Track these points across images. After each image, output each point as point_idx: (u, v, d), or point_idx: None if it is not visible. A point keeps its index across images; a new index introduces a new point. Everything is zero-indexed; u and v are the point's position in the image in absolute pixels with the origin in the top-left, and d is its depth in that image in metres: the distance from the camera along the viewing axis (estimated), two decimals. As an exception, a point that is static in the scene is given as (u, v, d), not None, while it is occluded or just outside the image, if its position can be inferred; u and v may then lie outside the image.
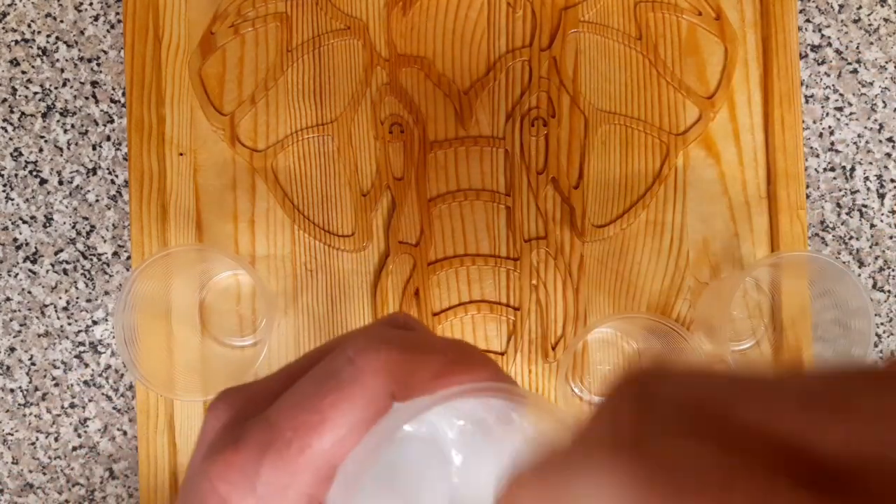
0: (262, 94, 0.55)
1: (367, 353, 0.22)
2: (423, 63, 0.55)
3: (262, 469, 0.21)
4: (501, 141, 0.55)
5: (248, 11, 0.55)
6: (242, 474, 0.22)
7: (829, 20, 0.57)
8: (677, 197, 0.55)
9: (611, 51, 0.55)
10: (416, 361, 0.22)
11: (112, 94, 0.56)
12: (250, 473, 0.22)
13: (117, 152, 0.55)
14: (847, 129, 0.56)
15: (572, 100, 0.55)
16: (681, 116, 0.55)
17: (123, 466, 0.54)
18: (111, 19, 0.56)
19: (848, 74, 0.56)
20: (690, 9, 0.55)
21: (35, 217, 0.55)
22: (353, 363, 0.22)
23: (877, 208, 0.56)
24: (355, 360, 0.22)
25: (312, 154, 0.55)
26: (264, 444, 0.22)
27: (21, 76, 0.55)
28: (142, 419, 0.52)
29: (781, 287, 0.54)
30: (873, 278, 0.56)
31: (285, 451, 0.21)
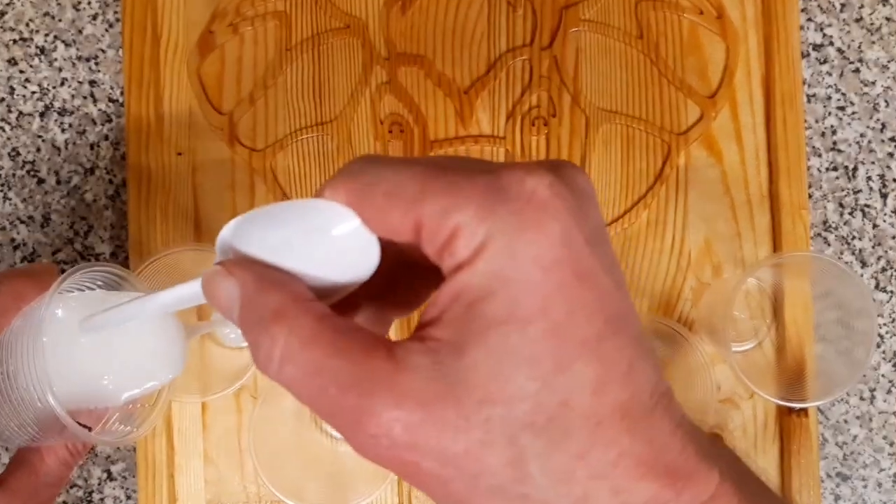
0: (261, 93, 0.55)
1: None
2: (423, 62, 0.55)
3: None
4: (502, 140, 0.54)
5: (246, 10, 0.55)
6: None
7: (830, 19, 0.56)
8: (679, 196, 0.54)
9: (612, 50, 0.55)
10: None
11: (110, 94, 0.55)
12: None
13: (115, 152, 0.55)
14: (849, 129, 0.56)
15: (573, 99, 0.55)
16: (682, 116, 0.55)
17: (121, 468, 0.54)
18: (109, 18, 0.56)
19: (850, 74, 0.56)
20: (692, 7, 0.55)
21: (33, 217, 0.55)
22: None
23: (879, 208, 0.56)
24: None
25: (311, 153, 0.55)
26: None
27: (19, 75, 0.55)
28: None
29: (784, 287, 0.54)
30: (876, 278, 0.55)
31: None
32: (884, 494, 0.55)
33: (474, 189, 0.21)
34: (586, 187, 0.22)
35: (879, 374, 0.55)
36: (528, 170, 0.21)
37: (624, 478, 0.21)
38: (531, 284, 0.20)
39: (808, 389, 0.52)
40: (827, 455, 0.55)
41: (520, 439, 0.20)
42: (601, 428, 0.20)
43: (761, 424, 0.54)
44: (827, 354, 0.53)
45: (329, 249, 0.23)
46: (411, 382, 0.21)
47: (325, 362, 0.21)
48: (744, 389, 0.54)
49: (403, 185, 0.21)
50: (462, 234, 0.21)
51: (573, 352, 0.20)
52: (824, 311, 0.53)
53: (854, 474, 0.55)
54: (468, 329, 0.21)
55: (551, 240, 0.20)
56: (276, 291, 0.22)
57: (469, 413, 0.20)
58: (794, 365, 0.53)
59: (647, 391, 0.21)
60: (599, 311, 0.21)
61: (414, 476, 0.21)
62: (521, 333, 0.20)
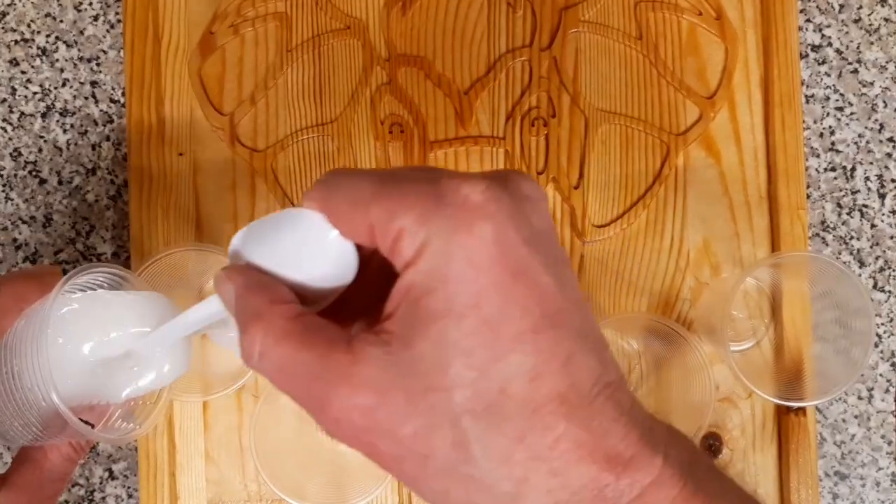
0: (262, 93, 0.55)
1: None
2: (423, 63, 0.55)
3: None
4: (501, 141, 0.55)
5: (247, 11, 0.55)
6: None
7: (829, 20, 0.56)
8: (678, 197, 0.55)
9: (611, 50, 0.55)
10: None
11: (112, 94, 0.55)
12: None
13: (117, 152, 0.55)
14: (847, 129, 0.56)
15: (572, 100, 0.55)
16: (681, 116, 0.55)
17: (123, 467, 0.54)
18: (111, 19, 0.56)
19: (848, 74, 0.56)
20: (691, 8, 0.55)
21: (35, 217, 0.55)
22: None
23: (877, 208, 0.56)
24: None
25: (312, 154, 0.55)
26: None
27: (21, 76, 0.55)
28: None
29: (782, 287, 0.54)
30: (874, 278, 0.56)
31: None
32: (882, 493, 0.55)
33: (416, 195, 0.23)
34: (531, 193, 0.24)
35: (877, 374, 0.55)
36: (466, 178, 0.23)
37: (561, 461, 0.22)
38: (466, 282, 0.22)
39: (806, 389, 0.52)
40: (825, 454, 0.55)
41: (461, 423, 0.22)
42: (538, 414, 0.22)
43: (760, 424, 0.54)
44: (825, 354, 0.53)
45: (312, 255, 0.25)
46: (366, 372, 0.23)
47: (294, 356, 0.24)
48: (742, 389, 0.54)
49: (359, 192, 0.24)
50: (405, 236, 0.23)
51: (507, 343, 0.22)
52: (822, 311, 0.53)
53: (852, 473, 0.55)
54: (414, 323, 0.23)
55: (483, 240, 0.22)
56: (258, 294, 0.25)
57: (416, 399, 0.22)
58: (793, 364, 0.53)
59: (588, 381, 0.23)
60: (535, 306, 0.22)
61: (374, 456, 0.24)
62: (458, 327, 0.22)
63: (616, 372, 0.24)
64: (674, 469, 0.23)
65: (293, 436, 0.53)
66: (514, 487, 0.22)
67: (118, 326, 0.34)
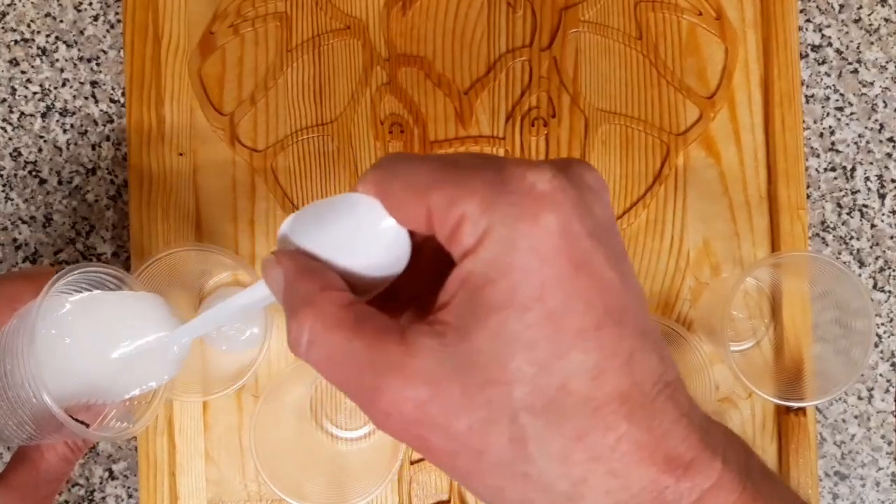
0: (262, 94, 0.55)
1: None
2: (423, 63, 0.55)
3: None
4: (502, 141, 0.55)
5: (247, 11, 0.55)
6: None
7: (829, 20, 0.56)
8: (678, 197, 0.55)
9: (611, 51, 0.55)
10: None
11: (112, 94, 0.55)
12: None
13: (117, 152, 0.55)
14: (847, 129, 0.56)
15: (572, 100, 0.55)
16: (681, 116, 0.55)
17: (123, 467, 0.54)
18: (111, 19, 0.56)
19: (848, 74, 0.56)
20: (691, 8, 0.55)
21: (34, 217, 0.55)
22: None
23: (877, 208, 0.56)
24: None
25: (312, 154, 0.55)
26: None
27: (21, 76, 0.55)
28: (141, 419, 0.52)
29: (782, 287, 0.54)
30: (874, 278, 0.56)
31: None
32: (882, 493, 0.55)
33: (479, 182, 0.22)
34: (594, 184, 0.23)
35: (877, 374, 0.55)
36: (532, 165, 0.22)
37: (622, 462, 0.22)
38: (529, 272, 0.21)
39: (806, 389, 0.52)
40: (825, 454, 0.55)
41: (520, 419, 0.22)
42: (599, 413, 0.21)
43: (759, 424, 0.54)
44: (825, 354, 0.53)
45: (365, 241, 0.25)
46: (419, 364, 0.22)
47: (344, 345, 0.23)
48: (742, 389, 0.54)
49: (417, 178, 0.23)
50: (466, 223, 0.22)
51: (570, 339, 0.21)
52: (822, 311, 0.53)
53: (852, 473, 0.55)
54: (472, 314, 0.22)
55: (548, 230, 0.21)
56: (309, 280, 0.24)
57: (472, 393, 0.22)
58: (793, 364, 0.53)
59: (649, 381, 0.22)
60: (599, 301, 0.22)
61: (425, 451, 0.23)
62: (519, 319, 0.21)
63: (675, 371, 0.23)
64: (733, 473, 0.23)
65: (293, 436, 0.53)
66: (572, 487, 0.22)
67: (120, 326, 0.34)
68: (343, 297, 0.24)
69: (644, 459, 0.22)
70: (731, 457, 0.23)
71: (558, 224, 0.22)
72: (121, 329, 0.34)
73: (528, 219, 0.22)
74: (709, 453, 0.22)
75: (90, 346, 0.34)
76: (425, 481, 0.53)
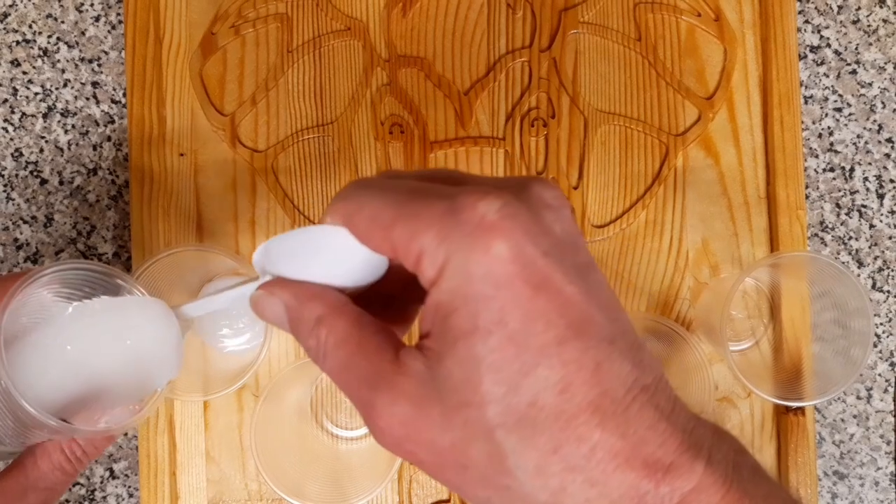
0: (263, 94, 0.55)
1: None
2: (423, 64, 0.55)
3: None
4: (501, 141, 0.55)
5: (248, 12, 0.55)
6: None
7: (828, 21, 0.57)
8: (677, 197, 0.55)
9: (610, 52, 0.55)
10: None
11: (113, 95, 0.56)
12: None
13: (118, 153, 0.55)
14: (846, 130, 0.56)
15: (572, 100, 0.55)
16: (680, 117, 0.55)
17: (124, 466, 0.54)
18: (112, 20, 0.56)
19: (847, 75, 0.56)
20: (690, 10, 0.55)
21: (36, 217, 0.55)
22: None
23: (876, 208, 0.56)
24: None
25: (313, 154, 0.55)
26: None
27: (22, 77, 0.56)
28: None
29: (781, 287, 0.54)
30: (872, 278, 0.56)
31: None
32: (880, 493, 0.55)
33: (434, 215, 0.23)
34: (553, 201, 0.24)
35: (876, 374, 0.56)
36: (483, 195, 0.23)
37: (598, 470, 0.22)
38: (487, 299, 0.23)
39: (805, 388, 0.52)
40: (824, 454, 0.55)
41: (495, 436, 0.23)
42: (571, 424, 0.22)
43: (758, 423, 0.54)
44: (824, 354, 0.53)
45: (343, 266, 0.27)
46: (407, 384, 0.24)
47: (350, 359, 0.25)
48: (741, 388, 0.54)
49: (380, 212, 0.24)
50: (426, 255, 0.23)
51: (534, 357, 0.22)
52: (821, 311, 0.53)
53: (851, 473, 0.55)
54: (444, 340, 0.23)
55: (500, 258, 0.22)
56: (314, 302, 0.26)
57: (450, 414, 0.23)
58: (792, 364, 0.53)
59: (621, 388, 0.23)
60: (559, 317, 0.23)
61: (418, 464, 0.25)
62: (484, 344, 0.23)
63: (653, 373, 0.24)
64: (717, 475, 0.23)
65: (294, 435, 0.53)
66: (552, 497, 0.23)
67: (121, 333, 0.34)
68: (351, 313, 0.26)
69: (620, 466, 0.22)
70: (717, 457, 0.23)
71: (509, 251, 0.22)
72: (122, 336, 0.34)
73: (479, 249, 0.23)
74: (689, 455, 0.23)
75: (90, 352, 0.34)
76: (425, 481, 0.53)
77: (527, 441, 0.22)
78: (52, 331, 0.33)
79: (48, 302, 0.34)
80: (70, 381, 0.33)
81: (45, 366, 0.33)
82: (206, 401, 0.53)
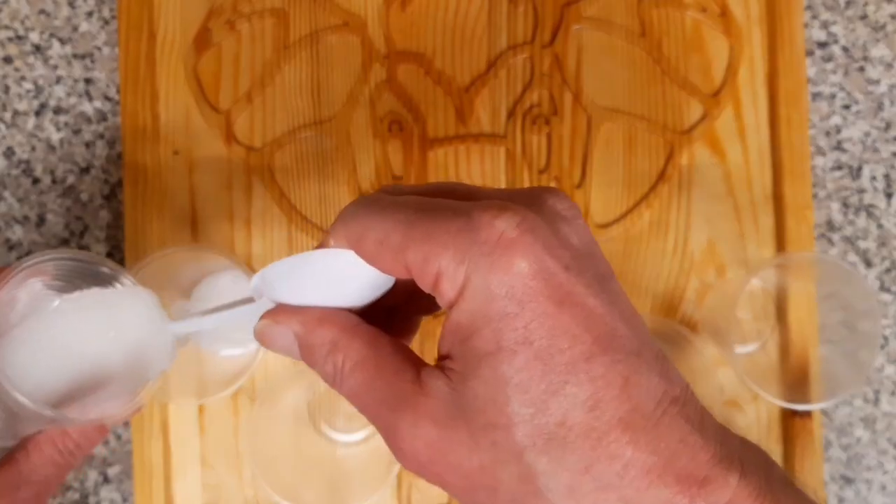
0: (259, 91, 0.54)
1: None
2: (423, 60, 0.54)
3: None
4: (503, 139, 0.54)
5: (243, 7, 0.54)
6: None
7: (835, 17, 0.56)
8: (682, 197, 0.54)
9: (614, 47, 0.54)
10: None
11: (106, 92, 0.55)
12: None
13: (111, 151, 0.54)
14: (854, 128, 0.55)
15: (574, 97, 0.54)
16: (685, 114, 0.54)
17: (117, 471, 0.53)
18: (105, 15, 0.55)
19: (855, 72, 0.56)
20: (695, 5, 0.54)
21: (28, 217, 0.54)
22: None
23: (884, 208, 0.55)
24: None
25: (310, 152, 0.54)
26: None
27: (14, 73, 0.55)
28: (136, 423, 0.52)
29: (788, 289, 0.53)
30: (881, 279, 0.55)
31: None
32: (888, 497, 0.54)
33: (450, 234, 0.23)
34: (566, 212, 0.24)
35: (884, 376, 0.55)
36: (499, 211, 0.23)
37: (632, 488, 0.22)
38: (510, 317, 0.22)
39: (812, 392, 0.51)
40: (831, 458, 0.54)
41: (525, 458, 0.22)
42: (602, 443, 0.22)
43: (765, 427, 0.53)
44: (831, 356, 0.52)
45: (346, 285, 0.26)
46: (431, 405, 0.23)
47: (368, 382, 0.24)
48: (747, 392, 0.53)
49: (390, 234, 0.24)
50: (444, 277, 0.23)
51: (561, 374, 0.22)
52: (829, 313, 0.52)
53: (858, 477, 0.54)
54: (467, 361, 0.23)
55: (522, 275, 0.22)
56: (327, 326, 0.25)
57: (478, 436, 0.22)
58: (798, 367, 0.53)
59: (650, 402, 0.22)
60: (585, 332, 0.22)
61: (444, 487, 0.24)
62: (509, 363, 0.22)
63: (680, 385, 0.23)
64: (751, 487, 0.22)
65: (291, 440, 0.53)
66: None
67: (110, 323, 0.34)
68: (365, 334, 0.25)
69: (654, 482, 0.22)
70: (749, 469, 0.23)
71: (531, 267, 0.22)
72: (110, 326, 0.34)
73: (501, 267, 0.22)
74: (723, 468, 0.22)
75: (80, 344, 0.33)
76: (425, 486, 0.52)
77: (557, 461, 0.22)
78: (41, 323, 0.33)
79: (38, 294, 0.34)
80: (61, 374, 0.33)
81: (35, 358, 0.33)
82: (201, 404, 0.52)
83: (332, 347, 0.25)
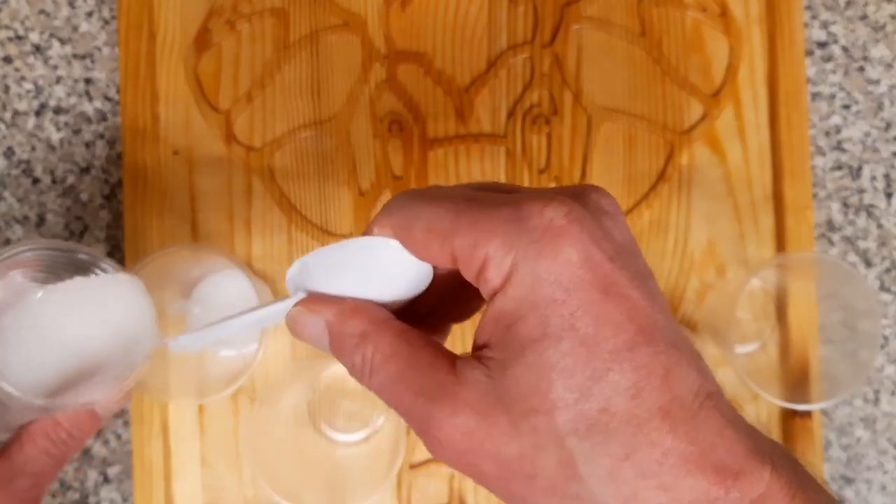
0: (259, 91, 0.54)
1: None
2: (423, 60, 0.54)
3: None
4: (503, 139, 0.54)
5: (243, 7, 0.54)
6: None
7: (835, 17, 0.56)
8: (682, 196, 0.54)
9: (614, 47, 0.54)
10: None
11: (106, 92, 0.55)
12: None
13: (111, 151, 0.54)
14: (854, 128, 0.55)
15: (574, 97, 0.54)
16: (685, 114, 0.54)
17: (118, 471, 0.53)
18: (105, 15, 0.55)
19: (855, 72, 0.56)
20: (695, 4, 0.54)
21: (28, 217, 0.54)
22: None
23: (884, 208, 0.55)
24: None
25: (310, 153, 0.54)
26: None
27: (14, 73, 0.55)
28: (136, 423, 0.51)
29: (788, 288, 0.53)
30: (881, 279, 0.55)
31: None
32: (888, 497, 0.54)
33: (498, 221, 0.23)
34: (610, 208, 0.25)
35: (884, 376, 0.55)
36: (549, 199, 0.23)
37: (671, 475, 0.22)
38: (557, 304, 0.22)
39: (812, 392, 0.51)
40: (831, 458, 0.54)
41: (566, 444, 0.22)
42: (643, 430, 0.22)
43: (765, 427, 0.53)
44: (831, 356, 0.52)
45: (390, 279, 0.26)
46: (468, 394, 0.23)
47: (401, 374, 0.25)
48: (747, 392, 0.53)
49: (438, 221, 0.24)
50: (491, 263, 0.23)
51: (605, 361, 0.22)
52: (829, 313, 0.52)
53: (858, 477, 0.54)
54: (509, 349, 0.23)
55: (570, 262, 0.23)
56: (359, 318, 0.26)
57: (518, 422, 0.23)
58: (799, 367, 0.52)
59: (689, 393, 0.23)
60: (629, 322, 0.23)
61: (478, 477, 0.24)
62: (555, 349, 0.22)
63: (714, 381, 0.24)
64: (783, 481, 0.23)
65: (291, 440, 0.52)
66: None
67: (94, 313, 0.34)
68: (395, 326, 0.25)
69: (692, 471, 0.22)
70: (780, 463, 0.23)
71: (578, 255, 0.23)
72: (94, 315, 0.34)
73: (549, 254, 0.23)
74: (756, 462, 0.23)
75: (65, 333, 0.34)
76: (425, 486, 0.52)
77: (599, 447, 0.22)
78: (27, 315, 0.33)
79: (19, 286, 0.34)
80: (49, 364, 0.34)
81: (22, 350, 0.33)
82: (200, 404, 0.52)
83: (363, 339, 0.25)
